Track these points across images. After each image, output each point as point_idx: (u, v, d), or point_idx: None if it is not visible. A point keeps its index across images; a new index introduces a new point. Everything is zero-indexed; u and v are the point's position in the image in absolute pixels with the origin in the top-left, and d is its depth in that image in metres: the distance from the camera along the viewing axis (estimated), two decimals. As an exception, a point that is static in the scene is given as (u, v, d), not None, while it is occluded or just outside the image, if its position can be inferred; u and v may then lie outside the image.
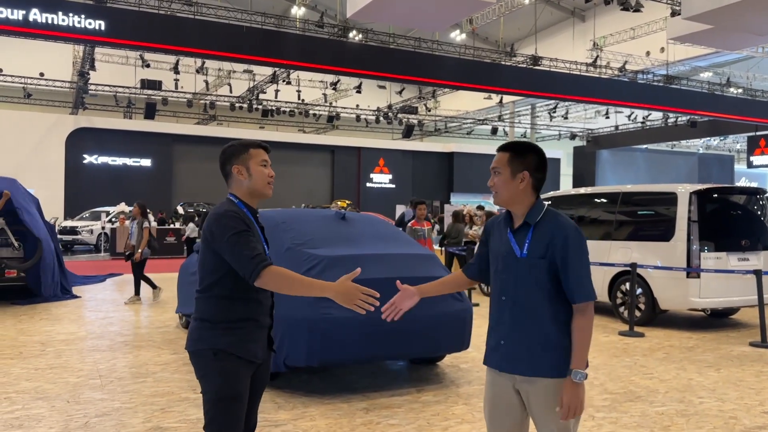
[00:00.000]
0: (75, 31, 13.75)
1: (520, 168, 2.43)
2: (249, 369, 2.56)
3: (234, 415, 2.50)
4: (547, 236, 2.38)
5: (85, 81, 24.69)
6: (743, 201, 8.81)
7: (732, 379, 5.74)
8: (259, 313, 2.59)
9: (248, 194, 2.64)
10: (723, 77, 28.01)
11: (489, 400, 2.52)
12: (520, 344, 2.40)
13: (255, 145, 2.67)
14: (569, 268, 2.35)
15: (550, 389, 2.36)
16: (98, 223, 21.95)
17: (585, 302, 2.36)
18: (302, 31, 20.28)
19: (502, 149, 2.50)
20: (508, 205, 2.48)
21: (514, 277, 2.42)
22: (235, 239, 2.45)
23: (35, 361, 6.17)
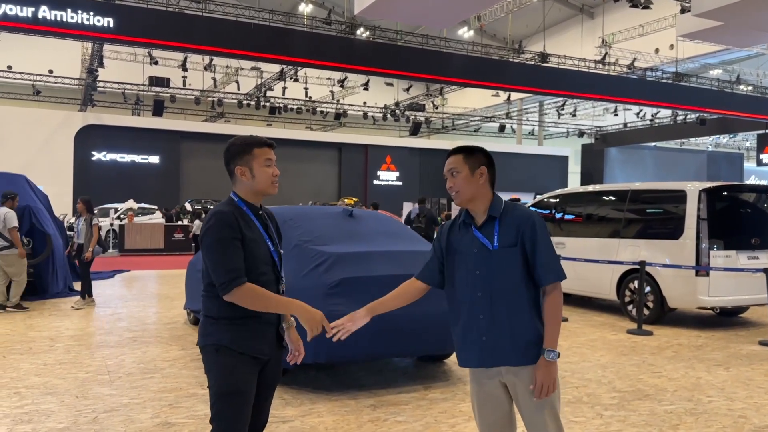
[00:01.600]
0: (84, 29, 13.81)
1: (476, 164, 2.55)
2: (254, 365, 2.54)
3: (238, 410, 2.50)
4: (513, 226, 2.49)
5: (94, 78, 24.82)
6: (753, 199, 8.75)
7: (741, 378, 5.71)
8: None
9: (251, 194, 2.60)
10: (733, 74, 27.84)
11: (477, 398, 2.59)
12: (504, 336, 2.47)
13: (259, 144, 2.60)
14: (539, 253, 2.46)
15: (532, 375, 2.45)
16: (106, 220, 22.03)
17: (555, 282, 2.46)
18: (310, 28, 20.29)
19: (454, 153, 2.61)
20: (470, 202, 2.55)
21: (489, 271, 2.48)
22: (215, 246, 2.44)
23: (44, 356, 6.21)
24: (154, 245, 19.70)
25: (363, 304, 4.93)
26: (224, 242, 2.45)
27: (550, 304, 2.46)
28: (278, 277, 2.63)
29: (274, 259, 2.62)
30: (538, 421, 2.46)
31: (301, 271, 5.00)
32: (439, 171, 14.49)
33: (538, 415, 2.46)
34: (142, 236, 19.70)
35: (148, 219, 22.39)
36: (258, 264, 2.53)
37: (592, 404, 4.86)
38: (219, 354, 2.51)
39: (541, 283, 2.48)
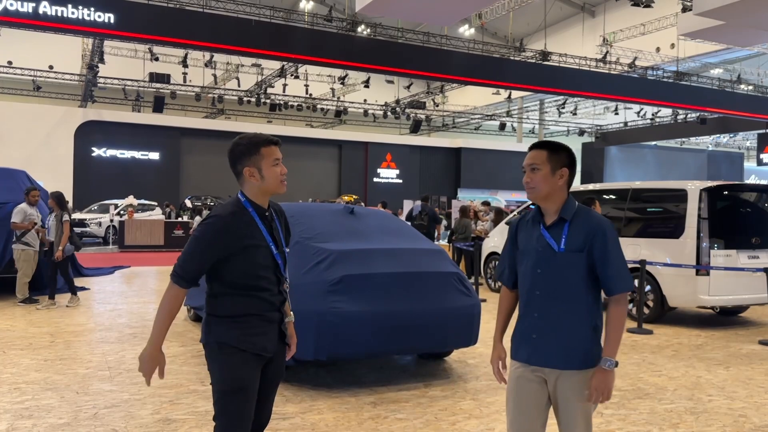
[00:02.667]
0: (84, 24, 13.79)
1: (559, 165, 2.51)
2: (257, 362, 2.55)
3: (241, 407, 2.50)
4: (583, 231, 2.47)
5: (94, 74, 24.77)
6: (754, 198, 8.75)
7: (741, 377, 5.71)
8: (263, 308, 2.56)
9: (260, 194, 2.58)
10: (733, 74, 27.82)
11: (514, 392, 2.56)
12: (554, 338, 2.47)
13: (266, 143, 2.55)
14: (610, 262, 2.45)
15: (579, 381, 2.45)
16: (107, 216, 22.05)
17: (623, 293, 2.46)
18: (311, 25, 20.27)
19: (539, 147, 2.55)
20: (544, 200, 2.53)
21: (551, 272, 2.48)
22: (194, 241, 2.49)
23: (45, 352, 6.21)
24: (154, 241, 19.68)
25: (364, 301, 4.99)
26: (202, 244, 2.47)
27: (616, 314, 2.46)
28: (280, 279, 2.62)
29: (276, 261, 2.60)
30: (572, 423, 2.46)
31: (302, 268, 5.00)
32: (439, 169, 14.58)
33: (573, 420, 2.46)
34: (141, 232, 19.68)
35: (148, 215, 22.39)
36: (257, 269, 2.53)
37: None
38: (222, 351, 2.52)
39: (610, 293, 2.47)
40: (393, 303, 4.98)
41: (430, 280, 5.25)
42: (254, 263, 2.52)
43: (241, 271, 2.51)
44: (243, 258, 2.50)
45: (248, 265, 2.51)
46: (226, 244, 2.47)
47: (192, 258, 2.48)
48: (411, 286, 5.12)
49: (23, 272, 9.05)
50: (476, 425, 4.31)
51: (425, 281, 5.23)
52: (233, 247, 2.48)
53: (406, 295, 5.06)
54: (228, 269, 2.51)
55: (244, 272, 2.51)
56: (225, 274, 2.52)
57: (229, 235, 2.47)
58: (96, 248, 20.21)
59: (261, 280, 2.54)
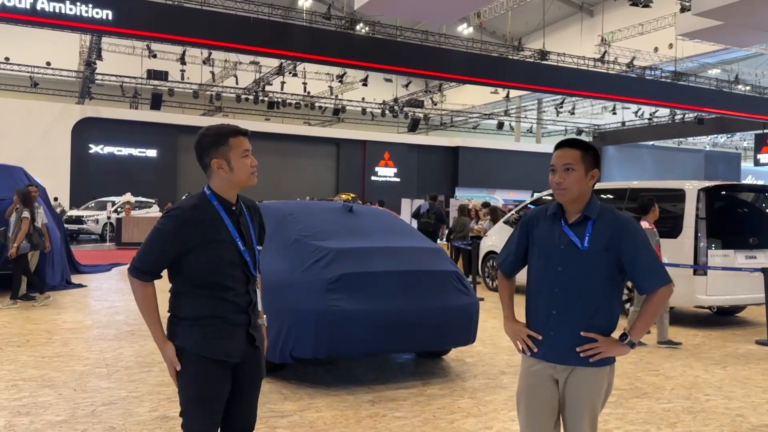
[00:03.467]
0: (82, 21, 13.74)
1: (591, 166, 2.48)
2: (221, 368, 2.44)
3: (206, 415, 2.43)
4: (608, 230, 2.43)
5: (92, 71, 24.71)
6: (752, 198, 8.77)
7: (738, 377, 5.73)
8: (227, 310, 2.44)
9: (228, 187, 2.48)
10: (731, 74, 27.86)
11: (526, 389, 2.55)
12: (572, 336, 2.44)
13: (234, 133, 2.45)
14: (640, 260, 2.42)
15: (590, 378, 2.44)
16: (104, 213, 22.01)
17: (659, 288, 2.43)
18: (309, 23, 20.25)
19: (571, 146, 2.50)
20: (574, 202, 2.48)
21: (573, 270, 2.45)
22: (153, 233, 2.43)
23: (42, 349, 6.19)
24: (151, 239, 19.64)
25: (362, 299, 4.98)
26: (161, 237, 2.41)
27: (651, 302, 2.44)
28: (249, 277, 2.50)
29: (244, 258, 2.48)
30: (578, 420, 2.46)
31: (300, 266, 5.00)
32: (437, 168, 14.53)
33: (579, 417, 2.45)
34: (139, 229, 19.64)
35: (145, 212, 22.35)
36: (221, 265, 2.42)
37: (590, 402, 4.86)
38: (183, 358, 2.43)
39: (643, 291, 2.46)
40: (391, 301, 4.98)
41: (429, 279, 5.25)
42: (218, 259, 2.41)
43: (203, 267, 2.41)
44: (205, 253, 2.40)
45: (211, 261, 2.41)
46: (187, 237, 2.38)
47: (151, 251, 2.42)
48: (409, 284, 5.12)
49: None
50: (474, 423, 4.31)
51: (424, 280, 5.23)
52: (194, 241, 2.38)
53: (405, 294, 5.06)
54: (189, 265, 2.42)
55: (207, 269, 2.41)
56: (186, 270, 2.43)
57: (190, 229, 2.38)
58: (93, 245, 20.18)
59: (225, 278, 2.43)
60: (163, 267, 2.45)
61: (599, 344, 2.40)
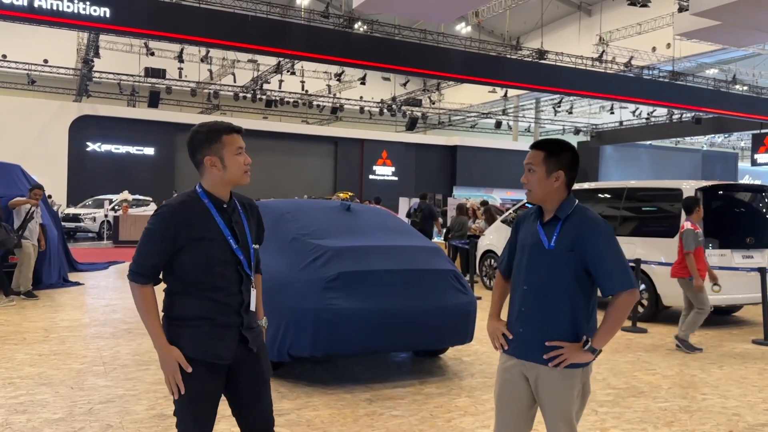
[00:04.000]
0: (79, 18, 13.69)
1: (555, 167, 2.48)
2: (212, 370, 2.40)
3: (198, 416, 2.41)
4: (575, 230, 2.45)
5: (89, 68, 24.66)
6: (749, 198, 8.78)
7: (735, 377, 5.74)
8: (218, 312, 2.40)
9: (221, 185, 2.44)
10: (729, 74, 27.89)
11: (499, 384, 2.61)
12: (538, 333, 2.49)
13: (227, 131, 2.42)
14: (603, 262, 2.41)
15: (558, 380, 2.45)
16: (101, 211, 21.97)
17: (621, 292, 2.40)
18: (307, 21, 20.23)
19: (537, 147, 2.53)
20: (541, 202, 2.54)
21: (539, 268, 2.50)
22: (145, 234, 2.40)
23: (39, 347, 6.19)
24: (148, 237, 19.62)
25: (360, 298, 4.99)
26: (152, 237, 2.38)
27: (614, 309, 2.42)
28: (242, 276, 2.46)
29: (237, 257, 2.44)
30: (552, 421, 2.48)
31: (298, 265, 5.00)
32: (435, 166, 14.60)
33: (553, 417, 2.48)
34: (136, 228, 19.62)
35: (142, 210, 22.33)
36: (211, 264, 2.39)
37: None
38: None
39: (605, 293, 2.45)
40: (389, 300, 4.98)
41: (427, 278, 5.26)
42: (207, 258, 2.38)
43: (192, 265, 2.38)
44: (195, 251, 2.37)
45: (200, 259, 2.37)
46: (175, 234, 2.35)
47: (144, 251, 2.39)
48: (407, 283, 5.12)
49: (26, 265, 9.01)
50: (471, 422, 4.32)
51: (421, 278, 5.23)
52: (182, 238, 2.35)
53: (403, 293, 5.06)
54: (180, 264, 2.39)
55: (196, 267, 2.38)
56: (177, 269, 2.40)
57: (178, 225, 2.35)
58: (90, 243, 20.15)
59: (216, 278, 2.39)
60: (158, 268, 2.41)
61: (564, 350, 2.42)
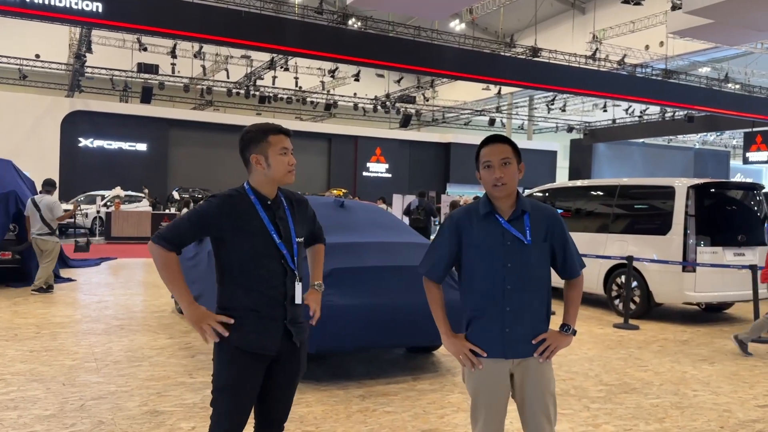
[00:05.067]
0: (71, 13, 13.62)
1: (519, 159, 2.56)
2: (254, 360, 2.48)
3: (232, 404, 2.48)
4: (543, 222, 2.54)
5: (82, 63, 24.49)
6: (740, 196, 8.83)
7: (726, 373, 5.77)
8: (262, 304, 2.49)
9: (266, 183, 2.55)
10: (721, 73, 28.01)
11: (485, 387, 2.58)
12: (525, 328, 2.52)
13: (275, 131, 2.54)
14: (569, 248, 2.60)
15: (545, 367, 2.56)
16: (93, 207, 21.86)
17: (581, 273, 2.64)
18: (301, 17, 20.16)
19: (502, 141, 2.54)
20: (508, 196, 2.54)
21: (520, 265, 2.50)
22: (189, 213, 2.53)
23: (30, 343, 6.15)
24: (141, 233, 19.54)
25: (354, 294, 4.98)
26: (194, 215, 2.50)
27: (577, 291, 2.63)
28: (286, 270, 2.53)
29: (281, 251, 2.52)
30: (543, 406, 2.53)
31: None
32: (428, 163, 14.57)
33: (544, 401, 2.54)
34: (128, 224, 19.55)
35: (135, 207, 22.23)
36: (256, 257, 2.48)
37: (579, 397, 4.90)
38: (219, 347, 2.50)
39: (572, 275, 2.61)
40: (382, 296, 4.99)
41: (419, 274, 5.25)
42: (252, 250, 2.48)
43: (238, 257, 2.48)
44: (238, 243, 2.47)
45: (245, 251, 2.47)
46: (219, 221, 2.47)
47: (182, 224, 2.50)
48: (400, 279, 5.12)
49: (52, 260, 9.30)
50: (464, 418, 4.32)
51: (414, 275, 5.20)
52: (226, 227, 2.46)
53: (396, 289, 5.06)
54: (226, 255, 2.50)
55: (242, 259, 2.48)
56: (224, 261, 2.52)
57: (224, 213, 2.47)
58: (83, 240, 20.02)
59: (261, 270, 2.48)
60: (187, 241, 2.51)
61: (549, 341, 2.52)
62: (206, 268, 6.24)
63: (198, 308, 2.46)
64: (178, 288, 2.48)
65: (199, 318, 2.44)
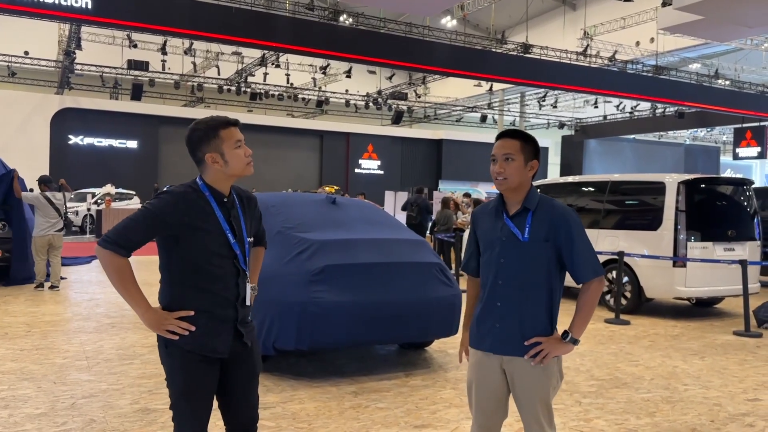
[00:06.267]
0: (61, 9, 13.49)
1: (530, 156, 2.52)
2: (206, 362, 2.41)
3: (192, 407, 2.41)
4: (546, 221, 2.49)
5: (71, 60, 24.30)
6: (730, 192, 8.88)
7: (716, 367, 5.82)
8: (214, 305, 2.41)
9: (224, 179, 2.45)
10: (711, 69, 28.13)
11: (475, 381, 2.60)
12: (515, 326, 2.50)
13: (224, 125, 2.42)
14: (576, 250, 2.48)
15: (537, 368, 2.48)
16: (84, 205, 21.74)
17: (593, 279, 2.48)
18: (292, 13, 20.08)
19: (512, 136, 2.54)
20: (514, 191, 2.54)
21: (514, 261, 2.50)
22: (139, 211, 2.38)
23: (20, 341, 6.12)
24: (132, 231, 19.45)
25: (345, 291, 4.98)
26: (147, 215, 2.35)
27: (587, 297, 2.49)
28: (239, 270, 2.46)
29: (234, 251, 2.44)
30: (532, 409, 2.50)
31: (283, 258, 4.98)
32: (420, 160, 14.59)
33: (533, 407, 2.50)
34: (119, 221, 19.45)
35: (126, 204, 22.12)
36: (208, 256, 2.39)
37: (570, 392, 4.92)
38: (168, 350, 2.42)
39: (578, 281, 2.50)
40: (374, 293, 4.99)
41: (412, 271, 5.26)
42: (205, 250, 2.38)
43: (191, 257, 2.38)
44: (192, 242, 2.37)
45: (198, 250, 2.37)
46: (172, 219, 2.34)
47: (134, 225, 2.34)
48: (392, 276, 5.12)
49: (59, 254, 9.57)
50: (456, 414, 4.33)
51: (407, 271, 5.24)
52: (179, 225, 2.34)
53: (388, 285, 5.06)
54: (177, 254, 2.39)
55: (194, 258, 2.38)
56: (174, 260, 2.40)
57: (177, 212, 2.35)
58: (73, 237, 19.93)
59: (213, 270, 2.39)
60: (138, 243, 2.36)
61: (544, 345, 2.45)
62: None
63: (156, 312, 2.37)
64: (132, 295, 2.35)
65: (159, 321, 2.35)
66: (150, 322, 2.37)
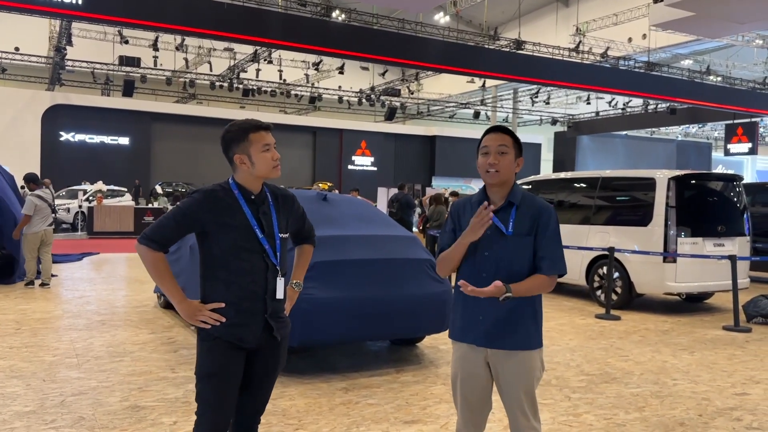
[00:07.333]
0: (52, 5, 13.41)
1: (519, 152, 2.59)
2: (234, 350, 2.52)
3: (215, 392, 2.51)
4: (530, 215, 2.54)
5: (62, 56, 24.17)
6: (720, 188, 8.93)
7: (705, 362, 5.85)
8: (243, 297, 2.52)
9: (252, 180, 2.57)
10: (703, 65, 28.23)
11: (460, 374, 2.62)
12: (500, 319, 2.52)
13: (254, 129, 2.55)
14: (547, 245, 2.52)
15: (521, 360, 2.53)
16: (75, 202, 21.61)
17: (553, 275, 2.54)
18: (284, 9, 20.02)
19: (504, 132, 2.58)
20: (501, 186, 2.58)
21: (498, 254, 2.53)
22: (174, 210, 2.55)
23: (10, 339, 6.09)
24: (123, 228, 19.39)
25: (337, 287, 4.99)
26: (178, 212, 2.52)
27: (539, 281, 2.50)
28: (268, 265, 2.55)
29: (263, 246, 2.54)
30: (516, 400, 2.53)
31: (273, 255, 4.97)
32: (413, 156, 14.59)
33: (517, 399, 2.53)
34: (111, 219, 19.38)
35: (117, 201, 22.03)
36: (238, 251, 2.51)
37: (560, 387, 4.94)
38: (201, 338, 2.56)
39: (542, 272, 2.51)
40: (365, 289, 4.99)
41: (403, 267, 5.27)
42: (233, 244, 2.50)
43: (220, 251, 2.51)
44: (221, 237, 2.50)
45: (226, 245, 2.50)
46: (201, 216, 2.49)
47: (167, 223, 2.52)
48: (383, 272, 5.13)
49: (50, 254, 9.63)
50: (447, 409, 4.35)
51: (398, 268, 5.24)
52: (209, 222, 2.49)
53: (379, 282, 5.07)
54: (208, 248, 2.53)
55: (223, 253, 2.50)
56: (206, 255, 2.55)
57: (206, 208, 2.50)
58: (64, 234, 19.84)
59: (242, 263, 2.51)
60: (172, 240, 2.53)
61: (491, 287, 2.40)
62: (188, 263, 6.21)
63: (190, 303, 2.51)
64: (167, 286, 2.52)
65: (192, 312, 2.50)
66: (184, 313, 2.52)
